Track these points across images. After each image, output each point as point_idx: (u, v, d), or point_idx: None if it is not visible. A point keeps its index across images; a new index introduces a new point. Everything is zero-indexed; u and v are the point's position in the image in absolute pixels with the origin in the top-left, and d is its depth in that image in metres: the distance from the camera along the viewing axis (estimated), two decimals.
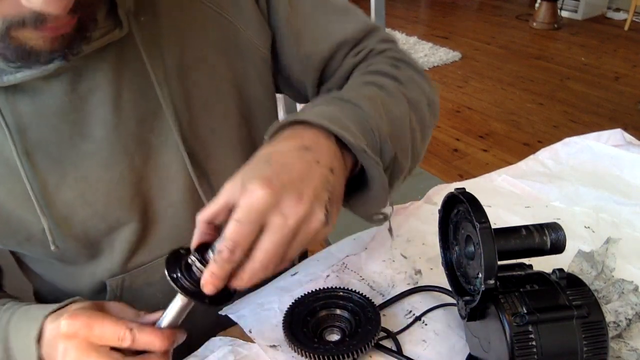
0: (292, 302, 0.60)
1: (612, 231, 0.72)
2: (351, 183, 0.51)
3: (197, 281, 0.43)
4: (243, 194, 0.41)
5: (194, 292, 0.44)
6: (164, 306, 0.48)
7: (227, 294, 0.46)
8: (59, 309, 0.51)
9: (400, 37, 4.25)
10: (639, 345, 0.55)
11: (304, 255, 1.39)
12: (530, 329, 0.45)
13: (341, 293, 0.61)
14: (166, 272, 0.44)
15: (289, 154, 0.45)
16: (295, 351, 0.55)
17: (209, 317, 0.74)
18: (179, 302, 0.46)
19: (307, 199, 0.42)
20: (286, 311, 0.59)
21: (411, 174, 0.63)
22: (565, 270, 0.50)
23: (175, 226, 0.64)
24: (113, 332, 0.46)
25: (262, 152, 0.46)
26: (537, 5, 4.52)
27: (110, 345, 0.47)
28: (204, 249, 0.44)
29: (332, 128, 0.47)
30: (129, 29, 0.53)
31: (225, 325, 0.61)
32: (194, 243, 0.45)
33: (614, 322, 0.56)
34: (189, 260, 0.44)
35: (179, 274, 0.44)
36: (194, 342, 0.59)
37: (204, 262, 0.43)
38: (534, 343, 0.45)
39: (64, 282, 0.67)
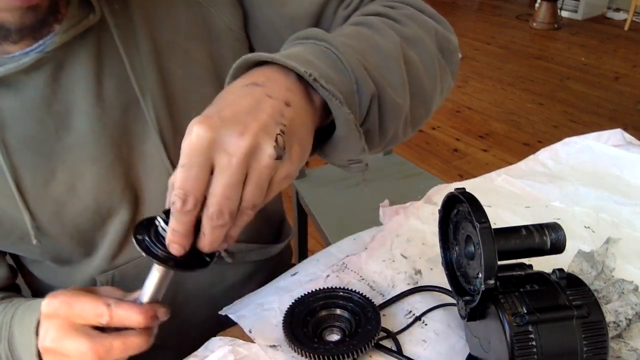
0: (292, 302, 0.60)
1: (612, 231, 0.72)
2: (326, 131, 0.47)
3: (164, 245, 0.41)
4: (185, 137, 0.38)
5: (163, 257, 0.41)
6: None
7: (201, 260, 0.42)
8: None
9: None
10: (639, 345, 0.55)
11: (304, 255, 1.39)
12: (530, 329, 0.45)
13: (341, 293, 0.61)
14: (133, 236, 0.41)
15: (234, 92, 0.41)
16: (295, 351, 0.55)
17: (208, 317, 0.75)
18: (154, 272, 0.44)
19: (251, 131, 0.38)
20: (286, 311, 0.59)
21: (419, 125, 0.54)
22: (565, 270, 0.50)
23: None
24: (91, 308, 0.45)
25: (217, 96, 0.43)
26: (537, 5, 4.52)
27: (90, 323, 0.45)
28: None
29: (283, 61, 0.41)
30: (102, 14, 0.53)
31: (225, 325, 0.61)
32: (165, 207, 0.42)
33: (614, 322, 0.56)
34: (156, 222, 0.41)
35: (146, 238, 0.41)
36: (194, 342, 0.59)
37: (166, 222, 0.41)
38: (534, 343, 0.45)
39: (59, 282, 0.67)
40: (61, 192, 0.56)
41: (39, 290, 0.72)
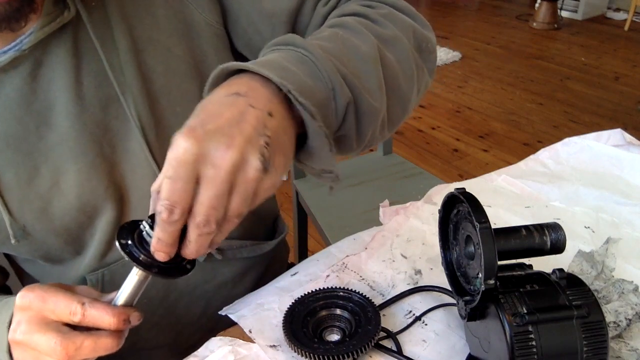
0: (292, 302, 0.60)
1: (612, 231, 0.72)
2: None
3: (149, 250, 0.41)
4: (170, 149, 0.38)
5: (146, 262, 0.41)
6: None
7: (183, 267, 0.43)
8: None
9: None
10: (639, 345, 0.55)
11: (304, 255, 1.39)
12: (530, 329, 0.45)
13: (341, 293, 0.61)
14: (116, 240, 0.41)
15: (218, 101, 0.41)
16: (295, 351, 0.55)
17: (201, 315, 0.74)
18: (133, 276, 0.44)
19: (237, 144, 0.38)
20: (286, 311, 0.59)
21: (399, 125, 0.55)
22: (565, 270, 0.50)
23: None
24: (65, 305, 0.44)
25: (198, 106, 0.43)
26: (537, 5, 4.52)
27: (62, 320, 0.45)
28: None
29: (261, 71, 0.42)
30: (77, 11, 0.53)
31: (225, 325, 0.61)
32: (149, 213, 0.42)
33: (614, 322, 0.56)
34: (141, 227, 0.42)
35: (129, 242, 0.41)
36: (189, 340, 0.59)
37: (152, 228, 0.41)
38: (534, 343, 0.45)
39: (50, 280, 0.66)
40: (46, 189, 0.56)
41: None
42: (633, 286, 0.59)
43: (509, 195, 0.82)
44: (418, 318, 0.61)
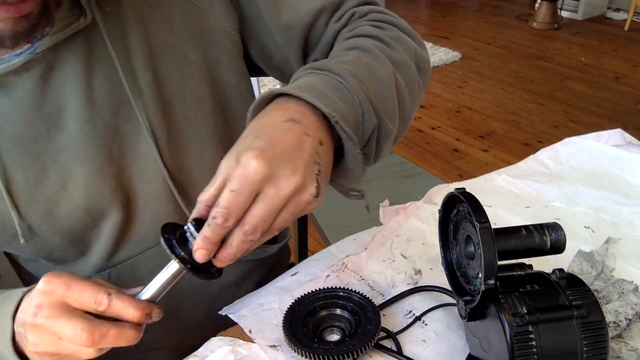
0: (292, 302, 0.60)
1: (612, 231, 0.72)
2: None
3: (189, 251, 0.44)
4: (237, 166, 0.42)
5: (183, 258, 0.44)
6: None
7: (212, 272, 0.47)
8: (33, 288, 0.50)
9: None
10: (639, 345, 0.55)
11: (304, 255, 1.40)
12: (530, 329, 0.45)
13: (341, 293, 0.61)
14: (161, 235, 0.44)
15: (278, 127, 0.45)
16: (295, 351, 0.55)
17: (205, 317, 0.74)
18: (165, 272, 0.46)
19: (300, 171, 0.43)
20: (286, 311, 0.59)
21: (397, 141, 0.60)
22: (565, 270, 0.50)
23: (158, 219, 0.63)
24: (91, 294, 0.45)
25: (251, 127, 0.46)
26: (537, 5, 4.52)
27: (84, 308, 0.46)
28: (200, 223, 0.45)
29: (310, 99, 0.46)
30: (93, 17, 0.53)
31: (223, 325, 0.61)
32: (191, 217, 0.46)
33: (614, 322, 0.56)
34: (185, 228, 0.45)
35: (172, 238, 0.45)
36: (192, 342, 0.59)
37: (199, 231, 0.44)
38: (534, 343, 0.45)
39: None
40: (53, 192, 0.56)
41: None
42: (633, 286, 0.59)
43: (509, 195, 0.82)
44: (418, 318, 0.61)
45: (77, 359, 0.47)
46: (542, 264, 0.53)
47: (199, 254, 0.43)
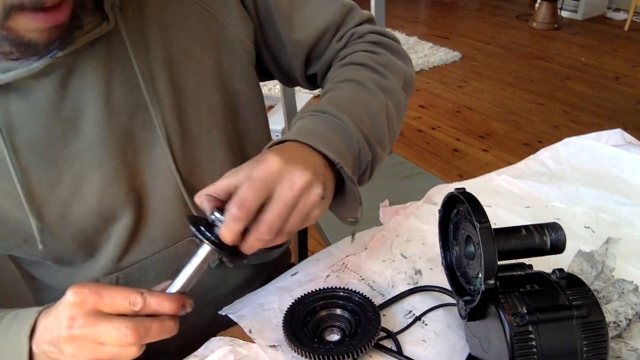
0: (292, 302, 0.60)
1: (612, 231, 0.72)
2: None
3: (216, 235, 0.47)
4: (257, 164, 0.48)
5: (214, 241, 0.48)
6: None
7: (239, 256, 0.49)
8: (50, 307, 0.50)
9: (400, 37, 4.25)
10: (639, 345, 0.55)
11: (304, 255, 1.40)
12: (530, 329, 0.45)
13: (341, 293, 0.61)
14: (190, 225, 0.48)
15: (291, 147, 0.51)
16: (295, 351, 0.55)
17: (210, 320, 0.75)
18: (194, 262, 0.49)
19: (310, 170, 0.48)
20: (286, 311, 0.59)
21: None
22: (565, 270, 0.50)
23: (168, 222, 0.64)
24: (124, 297, 0.46)
25: (268, 150, 0.51)
26: (537, 5, 4.52)
27: (119, 311, 0.47)
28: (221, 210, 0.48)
29: (319, 147, 0.52)
30: (115, 23, 0.54)
31: (225, 325, 0.61)
32: (209, 208, 0.49)
33: (614, 322, 0.56)
34: (212, 217, 0.48)
35: (200, 227, 0.48)
36: (194, 342, 0.59)
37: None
38: (534, 343, 0.45)
39: (62, 283, 0.67)
40: (67, 195, 0.56)
41: (39, 291, 0.71)
42: (633, 286, 0.59)
43: (509, 195, 0.82)
44: (418, 318, 0.61)
45: None
46: (542, 264, 0.53)
47: (226, 234, 0.46)
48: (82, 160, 0.56)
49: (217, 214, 0.48)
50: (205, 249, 0.48)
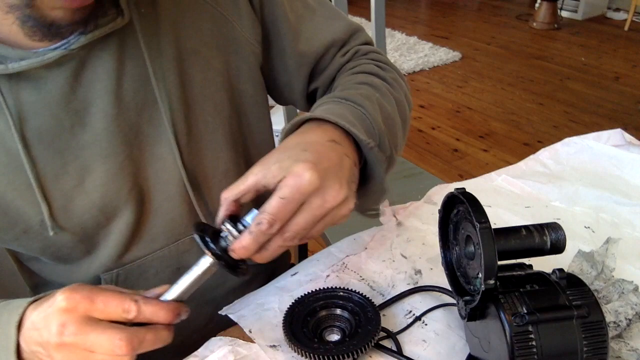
0: (292, 302, 0.60)
1: (612, 231, 0.72)
2: None
3: (221, 247, 0.46)
4: (289, 175, 0.45)
5: (218, 254, 0.46)
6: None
7: (242, 269, 0.49)
8: (40, 298, 0.49)
9: (400, 37, 4.25)
10: (639, 345, 0.55)
11: (304, 255, 1.40)
12: (530, 329, 0.45)
13: (341, 293, 0.61)
14: (195, 234, 0.47)
15: (323, 145, 0.49)
16: (295, 351, 0.55)
17: (210, 320, 0.75)
18: (196, 269, 0.47)
19: (345, 188, 0.47)
20: (286, 311, 0.59)
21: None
22: (565, 270, 0.50)
23: (170, 220, 0.64)
24: (117, 304, 0.45)
25: (294, 140, 0.50)
26: (537, 5, 4.52)
27: (112, 318, 0.45)
28: (233, 219, 0.47)
29: (349, 128, 0.51)
30: (130, 18, 0.54)
31: (225, 325, 0.61)
32: (221, 215, 0.48)
33: (614, 322, 0.56)
34: (224, 228, 0.47)
35: (206, 237, 0.47)
36: (194, 342, 0.59)
37: (237, 231, 0.46)
38: (534, 343, 0.45)
39: (61, 278, 0.67)
40: (70, 187, 0.56)
41: (38, 286, 0.72)
42: (633, 286, 0.59)
43: (509, 195, 0.82)
44: (418, 318, 0.61)
45: None
46: (542, 264, 0.53)
47: (239, 253, 0.45)
48: (88, 153, 0.56)
49: (228, 225, 0.46)
50: (207, 261, 0.47)
